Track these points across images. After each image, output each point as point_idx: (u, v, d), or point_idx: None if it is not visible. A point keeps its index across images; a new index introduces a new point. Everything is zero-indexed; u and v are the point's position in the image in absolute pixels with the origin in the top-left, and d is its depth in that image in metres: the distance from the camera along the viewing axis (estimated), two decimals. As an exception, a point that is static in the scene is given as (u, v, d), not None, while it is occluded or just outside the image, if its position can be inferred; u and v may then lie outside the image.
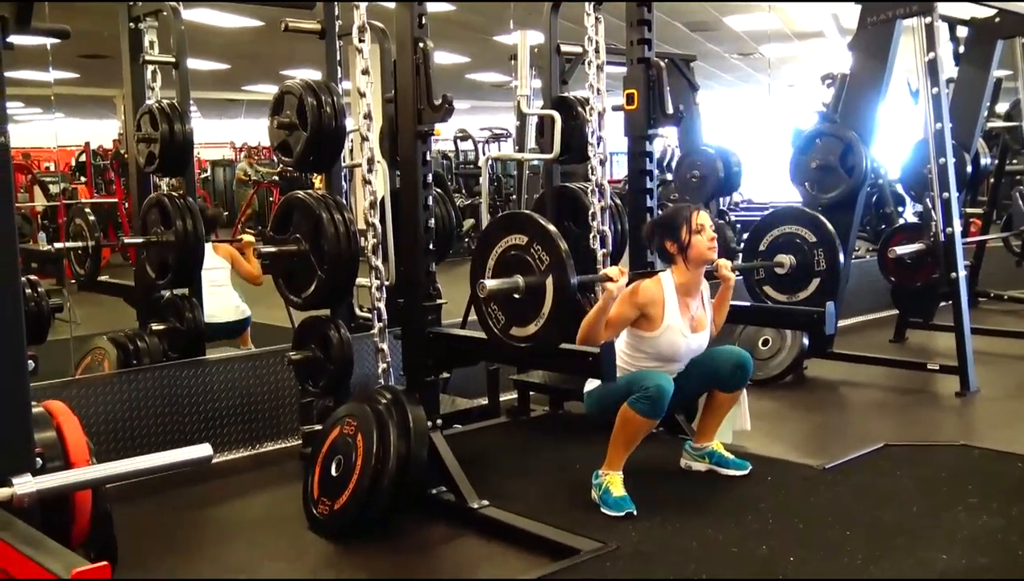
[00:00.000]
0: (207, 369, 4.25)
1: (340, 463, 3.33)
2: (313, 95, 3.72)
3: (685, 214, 3.50)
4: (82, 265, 4.97)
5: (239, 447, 4.30)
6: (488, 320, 3.30)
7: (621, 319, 3.40)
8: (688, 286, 3.53)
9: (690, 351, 3.54)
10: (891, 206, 8.86)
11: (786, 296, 4.53)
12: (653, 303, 3.43)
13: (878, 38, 5.39)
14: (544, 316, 3.09)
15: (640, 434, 3.35)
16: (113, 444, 3.91)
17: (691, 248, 3.48)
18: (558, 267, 3.05)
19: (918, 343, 6.36)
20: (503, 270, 3.21)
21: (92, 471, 2.31)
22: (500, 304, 3.25)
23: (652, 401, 3.27)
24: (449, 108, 3.42)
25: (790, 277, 4.46)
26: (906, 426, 4.61)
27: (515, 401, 4.71)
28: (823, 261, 4.39)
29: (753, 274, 4.65)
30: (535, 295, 3.11)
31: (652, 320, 3.44)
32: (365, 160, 3.67)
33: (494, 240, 3.26)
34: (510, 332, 3.22)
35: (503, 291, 3.16)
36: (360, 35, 3.61)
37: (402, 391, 3.46)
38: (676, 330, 3.46)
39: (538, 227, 3.15)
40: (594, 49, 4.36)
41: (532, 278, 3.12)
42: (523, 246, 3.16)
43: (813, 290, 4.42)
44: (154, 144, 4.50)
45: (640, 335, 3.48)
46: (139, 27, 4.76)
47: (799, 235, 4.47)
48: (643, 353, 3.49)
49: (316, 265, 3.67)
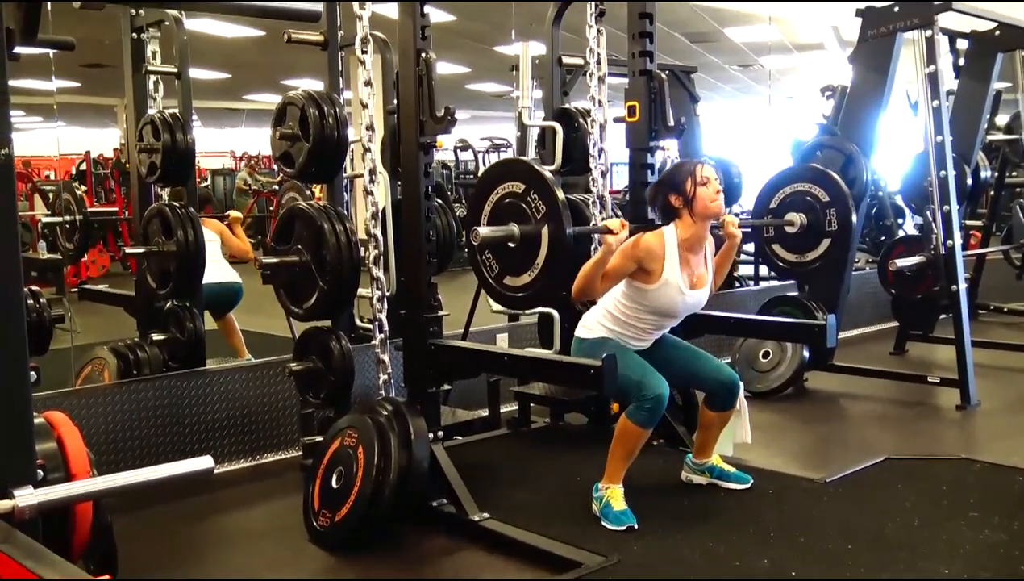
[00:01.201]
0: (207, 379, 4.24)
1: (341, 475, 3.33)
2: (316, 106, 3.73)
3: (689, 168, 3.42)
4: (70, 239, 4.99)
5: (239, 458, 4.29)
6: (482, 269, 3.28)
7: (618, 272, 3.33)
8: (692, 241, 3.43)
9: (687, 307, 3.47)
10: (891, 218, 8.87)
11: (795, 256, 4.46)
12: (653, 257, 3.34)
13: (879, 50, 5.41)
14: (538, 266, 3.06)
15: (639, 445, 3.34)
16: (113, 455, 3.90)
17: (696, 201, 3.37)
18: (554, 217, 3.02)
19: (918, 356, 6.36)
20: (499, 218, 3.19)
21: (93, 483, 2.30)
22: (494, 253, 3.22)
23: (651, 413, 3.26)
24: (451, 120, 3.42)
25: (800, 236, 4.38)
26: (907, 439, 4.60)
27: (516, 413, 4.70)
28: (835, 221, 4.30)
29: (763, 233, 4.57)
30: (530, 244, 3.08)
31: (650, 274, 3.36)
32: (367, 171, 3.68)
33: (490, 187, 3.23)
34: (504, 281, 3.20)
35: (497, 239, 3.13)
36: (363, 46, 3.63)
37: (403, 403, 3.45)
38: (674, 286, 3.38)
39: (535, 175, 3.12)
40: (596, 61, 4.37)
41: (527, 227, 3.09)
42: (519, 194, 3.13)
43: (823, 250, 4.34)
44: (156, 154, 4.51)
45: (637, 287, 3.40)
46: (141, 37, 4.77)
47: (811, 193, 4.38)
48: (639, 305, 3.42)
49: (317, 276, 3.67)
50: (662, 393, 3.25)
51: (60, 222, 5.03)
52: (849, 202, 4.24)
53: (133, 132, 4.70)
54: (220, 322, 5.76)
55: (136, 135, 4.64)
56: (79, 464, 2.39)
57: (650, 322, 3.46)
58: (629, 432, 3.30)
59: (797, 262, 4.40)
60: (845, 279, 5.41)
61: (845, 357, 5.78)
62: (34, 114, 8.56)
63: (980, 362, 5.34)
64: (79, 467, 2.38)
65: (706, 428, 3.64)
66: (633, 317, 3.45)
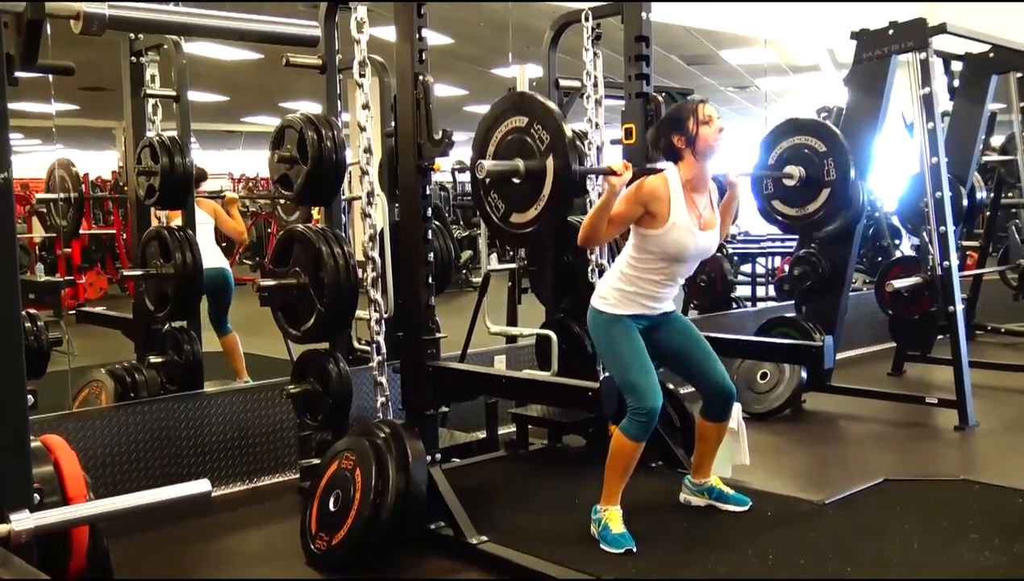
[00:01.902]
0: (205, 402, 4.23)
1: (338, 497, 3.32)
2: (314, 129, 3.74)
3: (690, 107, 3.38)
4: (64, 217, 4.98)
5: (237, 480, 4.28)
6: (488, 210, 3.28)
7: (624, 216, 3.28)
8: (695, 181, 3.38)
9: (698, 250, 3.39)
10: (888, 239, 8.89)
11: (795, 209, 4.45)
12: (657, 199, 3.28)
13: (874, 73, 5.44)
14: (544, 198, 3.05)
15: (634, 459, 3.32)
16: (110, 477, 3.89)
17: (699, 139, 3.33)
18: (558, 147, 3.01)
19: (916, 376, 6.35)
20: (504, 155, 3.19)
21: (89, 507, 2.30)
22: (500, 191, 3.22)
23: (644, 427, 3.25)
24: (449, 143, 3.43)
25: (799, 189, 4.37)
26: (906, 460, 4.60)
27: (514, 434, 4.68)
28: (832, 170, 4.29)
29: (762, 189, 4.57)
30: (535, 179, 3.07)
31: (657, 217, 3.29)
32: (365, 193, 3.69)
33: (495, 124, 3.23)
34: (510, 220, 3.19)
35: (502, 173, 3.11)
36: (360, 69, 3.64)
37: (401, 425, 3.45)
38: (683, 227, 3.31)
39: (539, 106, 3.12)
40: (592, 84, 4.39)
41: (532, 162, 3.08)
42: (523, 128, 3.13)
43: (823, 201, 4.33)
44: (154, 177, 4.52)
45: (645, 234, 3.33)
46: (140, 61, 4.79)
47: (807, 145, 4.38)
48: (649, 254, 3.34)
49: (315, 298, 3.67)
50: (655, 406, 3.24)
51: (54, 199, 5.02)
52: (846, 150, 4.25)
53: (132, 155, 4.72)
54: (223, 340, 5.76)
55: (135, 158, 4.65)
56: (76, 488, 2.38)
57: (662, 274, 3.37)
58: (623, 447, 3.29)
59: (798, 215, 4.40)
60: (842, 300, 5.42)
61: (843, 378, 5.78)
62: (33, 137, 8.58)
63: (978, 382, 5.35)
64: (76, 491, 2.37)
65: (702, 441, 3.63)
66: (646, 269, 3.36)
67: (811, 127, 4.44)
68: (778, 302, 7.10)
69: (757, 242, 10.61)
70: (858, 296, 7.14)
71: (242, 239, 5.80)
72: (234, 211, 5.95)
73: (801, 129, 4.44)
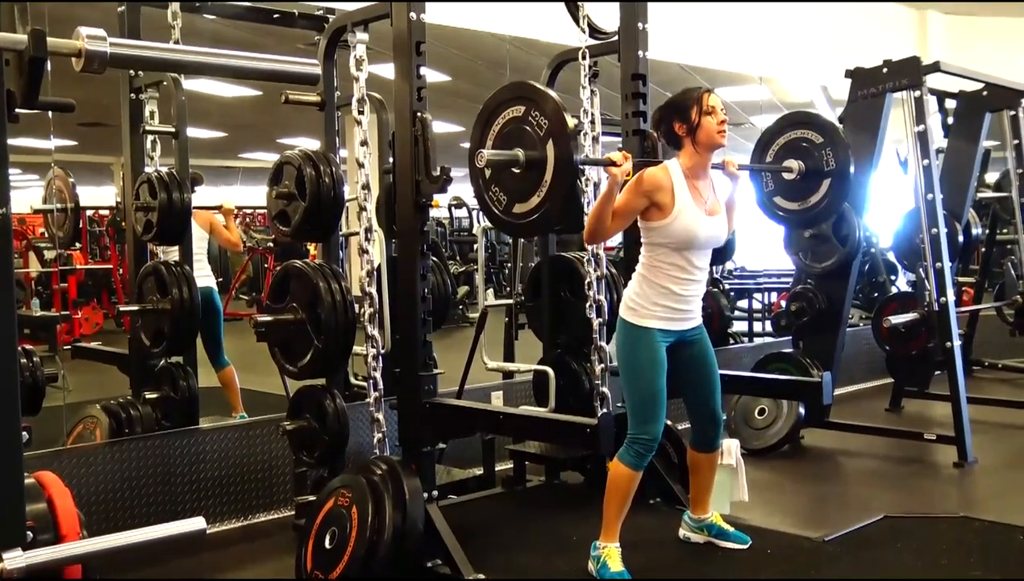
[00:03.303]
0: (200, 439, 4.21)
1: (334, 535, 3.29)
2: (312, 165, 3.75)
3: (695, 95, 3.38)
4: (60, 227, 4.96)
5: (231, 518, 4.25)
6: (490, 204, 3.26)
7: (628, 208, 3.27)
8: (696, 170, 3.38)
9: (709, 235, 3.36)
10: (884, 275, 8.91)
11: (797, 203, 4.43)
12: (661, 189, 3.28)
13: (869, 110, 5.48)
14: (546, 185, 3.04)
15: (631, 489, 3.32)
16: (104, 514, 3.86)
17: (700, 129, 3.33)
18: (558, 132, 3.01)
19: (914, 412, 6.34)
20: (504, 146, 3.18)
21: (82, 545, 2.28)
22: (500, 184, 3.21)
23: (640, 456, 3.26)
24: (447, 179, 3.45)
25: (800, 183, 4.36)
26: (905, 497, 4.57)
27: (511, 471, 4.66)
28: (831, 160, 4.28)
29: (763, 186, 4.56)
30: (536, 167, 3.06)
31: (662, 207, 3.28)
32: (362, 229, 3.69)
33: (493, 116, 3.22)
34: (513, 211, 3.18)
35: (502, 163, 3.10)
36: (359, 106, 3.66)
37: (398, 462, 3.42)
38: (690, 211, 3.30)
39: (536, 93, 3.11)
40: (590, 121, 4.42)
41: (532, 151, 3.08)
42: (521, 117, 3.12)
43: (824, 192, 4.32)
44: (152, 213, 4.53)
45: (653, 226, 3.31)
46: (140, 97, 4.81)
47: (805, 138, 4.38)
48: (663, 246, 3.31)
49: (312, 334, 3.66)
50: (657, 435, 3.24)
51: (50, 210, 4.99)
52: (844, 139, 4.26)
53: (130, 190, 4.72)
54: (220, 374, 5.73)
55: (133, 193, 4.66)
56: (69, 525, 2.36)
57: (678, 266, 3.32)
58: (620, 475, 3.28)
59: (801, 209, 4.39)
60: (840, 335, 5.42)
61: (841, 414, 5.76)
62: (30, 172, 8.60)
63: (976, 418, 5.33)
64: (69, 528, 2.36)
65: (695, 473, 3.62)
66: (661, 263, 3.32)
67: (805, 120, 4.44)
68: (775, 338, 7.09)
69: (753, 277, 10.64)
70: (855, 331, 7.14)
71: (238, 250, 5.75)
72: (231, 223, 5.91)
73: (795, 123, 4.44)
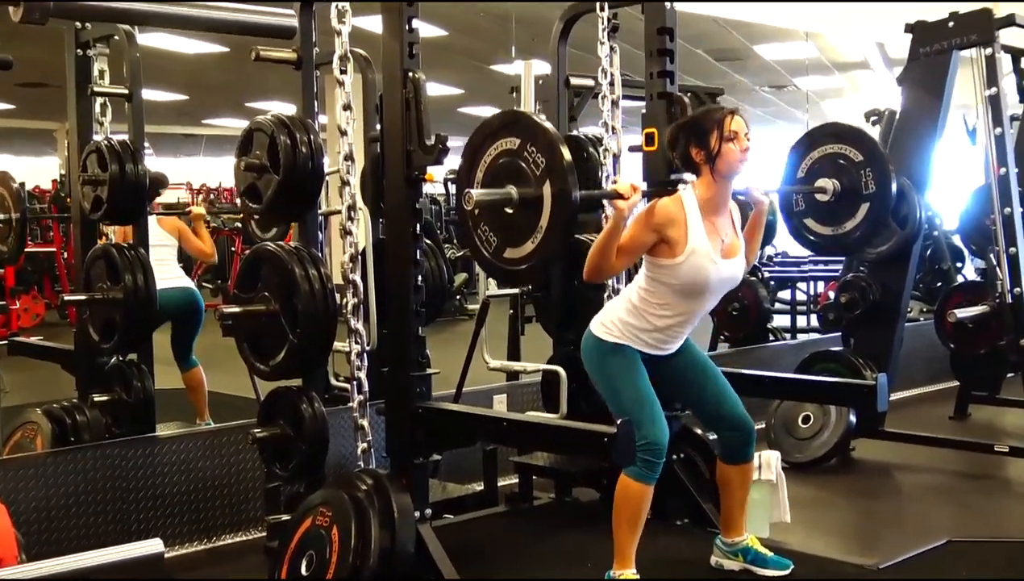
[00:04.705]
0: (157, 448, 4.22)
1: (312, 560, 3.30)
2: (287, 133, 3.75)
3: (717, 117, 3.38)
4: (4, 240, 4.97)
5: (194, 539, 4.26)
6: (479, 244, 3.28)
7: (635, 244, 3.29)
8: (714, 202, 3.39)
9: (721, 281, 3.40)
10: (949, 262, 8.89)
11: (831, 228, 4.45)
12: (673, 223, 3.29)
13: (932, 71, 5.46)
14: (542, 230, 3.06)
15: (642, 507, 3.32)
16: (47, 535, 3.87)
17: (720, 157, 3.33)
18: (556, 172, 3.02)
19: (983, 420, 6.33)
20: (494, 182, 3.20)
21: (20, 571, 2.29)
22: (491, 224, 3.22)
23: (648, 465, 3.26)
24: (443, 150, 3.45)
25: (834, 205, 4.37)
26: (972, 519, 4.57)
27: (516, 486, 4.67)
28: (872, 182, 4.28)
29: (792, 206, 4.57)
30: (531, 207, 3.08)
31: (673, 244, 3.29)
32: (345, 207, 3.69)
33: (481, 148, 3.24)
34: (504, 255, 3.20)
35: (493, 202, 3.12)
36: (342, 65, 3.66)
37: (385, 475, 3.44)
38: (703, 254, 3.31)
39: (532, 126, 3.13)
40: (608, 82, 4.41)
41: (527, 189, 3.09)
42: (515, 150, 3.14)
43: (862, 217, 4.33)
44: (102, 187, 4.53)
45: (660, 264, 3.33)
46: (87, 54, 4.80)
47: (842, 154, 4.39)
48: (665, 285, 3.34)
49: (287, 327, 3.67)
50: (657, 439, 3.25)
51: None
52: (885, 159, 4.26)
53: (76, 161, 4.73)
54: (186, 375, 5.75)
55: (79, 165, 4.66)
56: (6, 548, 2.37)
57: (678, 309, 3.37)
58: (628, 491, 3.30)
59: (834, 235, 4.41)
60: (897, 331, 5.41)
61: (898, 422, 5.75)
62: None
63: (1055, 428, 5.34)
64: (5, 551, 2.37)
65: (728, 491, 3.63)
66: (659, 304, 3.36)
67: (844, 133, 4.45)
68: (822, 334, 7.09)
69: (797, 265, 10.62)
70: (915, 327, 7.13)
71: (211, 261, 5.80)
72: (201, 229, 5.93)
73: (832, 136, 4.44)
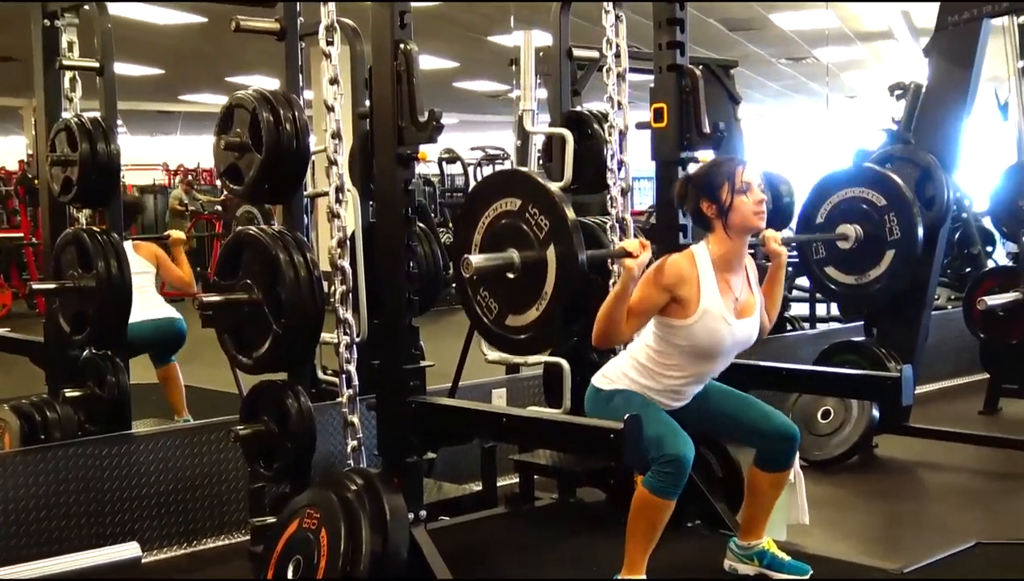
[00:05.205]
0: (133, 446, 4.23)
1: (299, 564, 3.31)
2: (270, 109, 3.75)
3: (728, 169, 3.42)
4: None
5: (173, 543, 4.27)
6: (479, 310, 3.28)
7: (646, 305, 3.32)
8: (728, 259, 3.43)
9: (735, 342, 3.44)
10: (979, 246, 8.91)
11: (853, 277, 4.46)
12: (685, 282, 3.33)
13: (961, 40, 5.45)
14: (546, 297, 3.07)
15: (660, 520, 3.33)
16: (16, 540, 3.88)
17: (733, 211, 3.37)
18: (561, 235, 3.03)
19: (1015, 415, 6.35)
20: (494, 244, 3.20)
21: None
22: (492, 290, 3.23)
23: (672, 479, 3.26)
24: (436, 126, 3.44)
25: (856, 252, 4.37)
26: (1002, 520, 4.59)
27: (516, 487, 4.68)
28: (897, 228, 4.29)
29: (811, 253, 4.57)
30: (534, 272, 3.09)
31: (685, 304, 3.33)
32: (332, 188, 3.69)
33: (481, 208, 3.24)
34: (505, 323, 3.20)
35: (494, 269, 3.13)
36: (328, 35, 3.65)
37: (377, 475, 3.44)
38: (716, 315, 3.35)
39: (534, 187, 3.13)
40: (614, 54, 4.41)
41: (529, 252, 3.09)
42: (516, 212, 3.14)
43: (887, 266, 4.34)
44: (72, 167, 4.53)
45: (671, 324, 3.37)
46: (55, 24, 4.81)
47: (864, 199, 4.39)
48: (675, 347, 3.39)
49: (271, 317, 3.67)
50: (683, 453, 3.25)
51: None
52: (911, 203, 4.25)
53: (44, 140, 4.73)
54: (161, 370, 5.76)
55: (48, 144, 4.66)
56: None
57: (689, 371, 3.44)
58: (647, 504, 3.30)
59: (857, 284, 4.41)
60: (923, 320, 5.42)
61: (923, 417, 5.76)
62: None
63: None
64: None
65: (757, 497, 3.63)
66: (668, 366, 3.42)
67: (866, 176, 4.44)
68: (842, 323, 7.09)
69: (816, 249, 10.62)
70: (942, 315, 7.14)
71: (190, 291, 5.79)
72: (180, 256, 5.93)
73: (853, 179, 4.44)
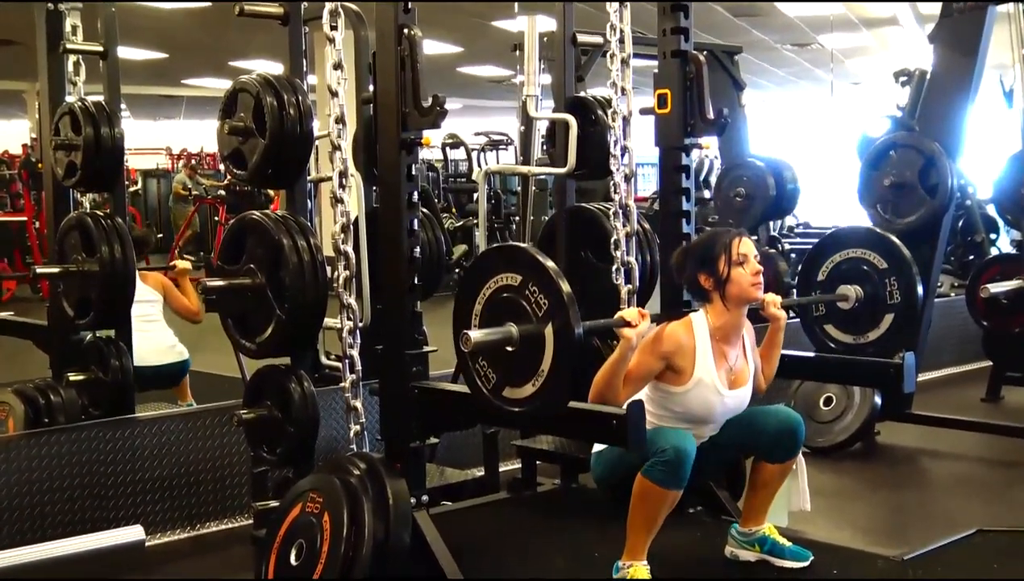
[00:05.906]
0: (137, 430, 4.24)
1: (302, 549, 3.31)
2: (274, 94, 3.75)
3: (724, 241, 3.50)
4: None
5: (176, 527, 4.29)
6: (476, 379, 3.29)
7: (642, 373, 3.39)
8: (726, 330, 3.52)
9: (726, 411, 3.53)
10: (982, 233, 8.89)
11: (852, 337, 4.50)
12: (681, 352, 3.43)
13: (966, 27, 5.43)
14: (543, 373, 3.09)
15: (662, 509, 3.33)
16: (19, 523, 3.89)
17: (730, 283, 3.46)
18: (559, 312, 3.05)
19: (1018, 403, 6.35)
20: (493, 317, 3.20)
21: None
22: (490, 360, 3.24)
23: (671, 467, 3.26)
24: (440, 111, 3.44)
25: (857, 313, 4.41)
26: (1004, 507, 4.59)
27: (518, 472, 4.69)
28: (897, 292, 4.35)
29: (811, 312, 4.63)
30: (532, 347, 3.10)
31: (680, 373, 3.43)
32: (336, 173, 3.69)
33: (480, 281, 3.26)
34: (503, 394, 3.21)
35: (492, 343, 3.15)
36: (332, 21, 3.65)
37: (379, 460, 3.45)
38: (709, 386, 3.45)
39: (533, 263, 3.15)
40: (618, 39, 4.39)
41: (528, 327, 3.11)
42: (516, 287, 3.16)
43: (886, 329, 4.38)
44: (75, 152, 4.53)
45: (666, 390, 3.47)
46: (59, 8, 4.81)
47: (866, 261, 4.43)
48: (668, 411, 3.49)
49: (274, 302, 3.68)
50: (680, 444, 3.26)
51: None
52: (913, 269, 4.32)
53: (48, 124, 4.73)
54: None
55: (51, 128, 4.66)
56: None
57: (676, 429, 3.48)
58: (647, 493, 3.30)
59: (856, 344, 4.48)
60: (926, 308, 5.41)
61: (926, 405, 5.77)
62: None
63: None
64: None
65: (761, 487, 3.64)
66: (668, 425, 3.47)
67: (867, 238, 4.48)
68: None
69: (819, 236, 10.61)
70: (945, 303, 7.14)
71: (196, 320, 5.74)
72: (187, 285, 5.88)
73: (855, 241, 4.47)
